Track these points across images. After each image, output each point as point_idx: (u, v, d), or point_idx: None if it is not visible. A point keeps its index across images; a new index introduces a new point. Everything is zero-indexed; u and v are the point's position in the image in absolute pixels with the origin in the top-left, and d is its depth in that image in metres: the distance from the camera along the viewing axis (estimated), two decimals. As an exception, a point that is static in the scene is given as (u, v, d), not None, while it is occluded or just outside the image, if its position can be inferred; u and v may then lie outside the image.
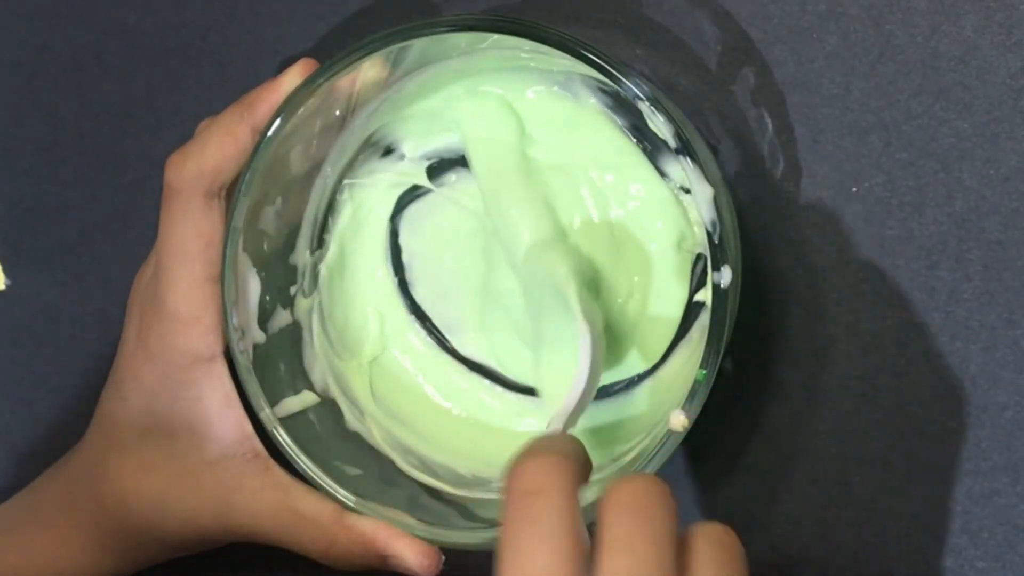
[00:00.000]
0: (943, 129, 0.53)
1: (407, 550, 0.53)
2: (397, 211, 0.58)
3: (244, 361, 0.54)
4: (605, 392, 0.56)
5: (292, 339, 0.57)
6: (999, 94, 0.53)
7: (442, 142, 0.58)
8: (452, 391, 0.59)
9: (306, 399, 0.56)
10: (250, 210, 0.54)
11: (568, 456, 0.43)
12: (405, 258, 0.59)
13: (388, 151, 0.58)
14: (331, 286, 0.58)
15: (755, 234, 0.56)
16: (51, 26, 0.65)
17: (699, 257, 0.55)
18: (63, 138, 0.65)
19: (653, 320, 0.55)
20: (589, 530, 0.42)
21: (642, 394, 0.56)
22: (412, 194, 0.58)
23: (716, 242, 0.50)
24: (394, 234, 0.59)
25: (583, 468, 0.44)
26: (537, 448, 0.43)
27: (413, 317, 0.59)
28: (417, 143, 0.58)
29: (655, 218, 0.55)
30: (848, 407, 0.55)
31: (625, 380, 0.56)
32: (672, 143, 0.50)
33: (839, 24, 0.54)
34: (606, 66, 0.50)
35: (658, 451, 0.50)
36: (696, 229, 0.54)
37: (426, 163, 0.58)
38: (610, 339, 0.55)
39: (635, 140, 0.55)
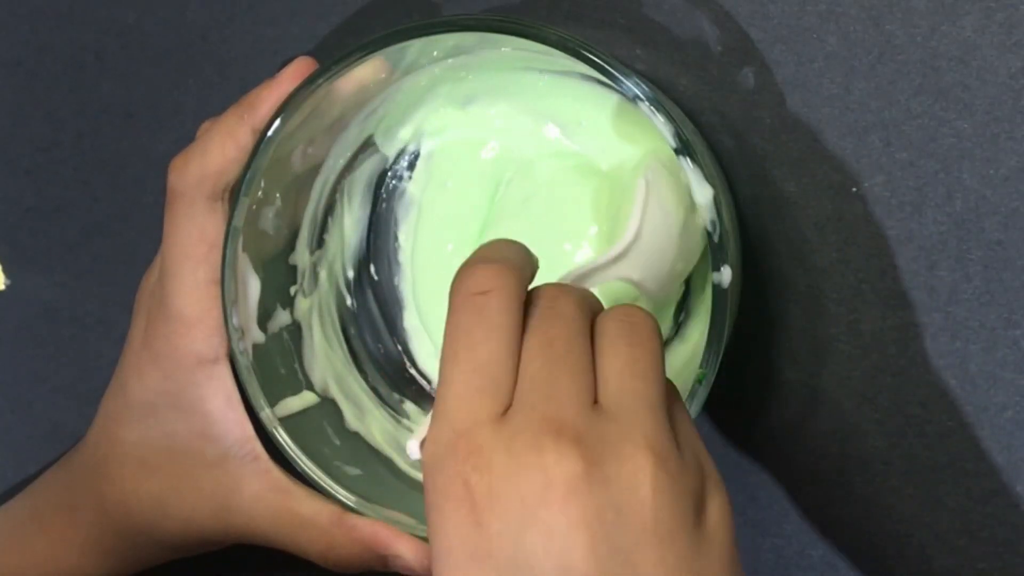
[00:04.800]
0: (943, 129, 0.53)
1: (407, 550, 0.53)
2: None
3: (244, 361, 0.54)
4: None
5: (292, 339, 0.57)
6: (999, 94, 0.53)
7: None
8: None
9: (306, 399, 0.56)
10: (250, 210, 0.54)
11: (513, 260, 0.44)
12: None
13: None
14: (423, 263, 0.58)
15: (755, 234, 0.56)
16: (51, 26, 0.65)
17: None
18: (63, 138, 0.65)
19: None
20: None
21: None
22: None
23: (716, 242, 0.50)
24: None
25: (528, 272, 0.45)
26: (484, 254, 0.44)
27: None
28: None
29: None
30: (848, 407, 0.55)
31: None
32: (672, 143, 0.50)
33: (839, 24, 0.54)
34: (606, 66, 0.50)
35: (658, 451, 0.50)
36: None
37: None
38: None
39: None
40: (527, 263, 0.45)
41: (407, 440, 0.44)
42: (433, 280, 0.59)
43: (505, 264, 0.43)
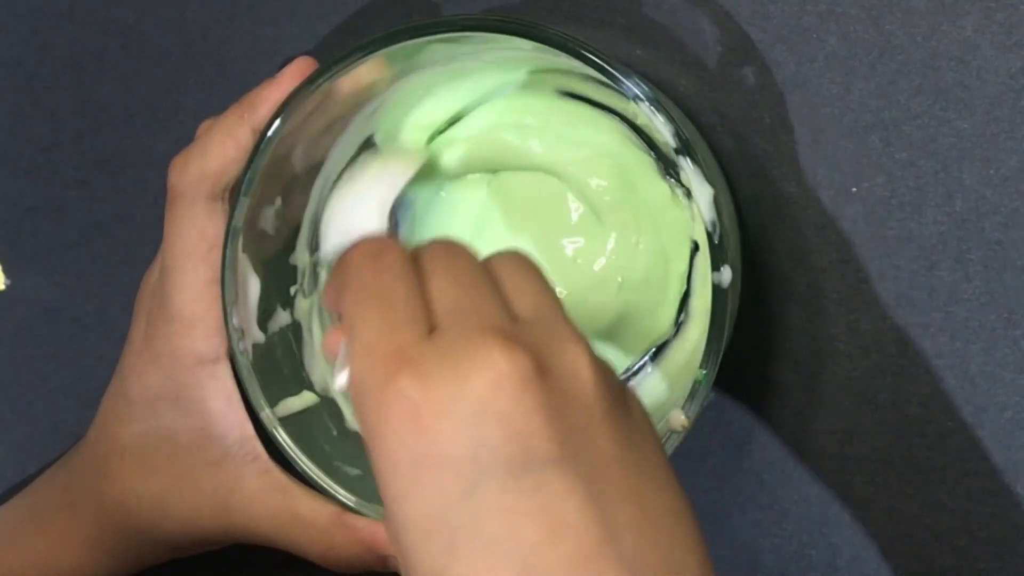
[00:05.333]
0: (943, 129, 0.53)
1: (407, 550, 0.53)
2: None
3: (244, 361, 0.54)
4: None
5: (292, 339, 0.57)
6: (999, 94, 0.53)
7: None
8: None
9: (306, 399, 0.56)
10: (250, 210, 0.54)
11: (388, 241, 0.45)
12: None
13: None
14: None
15: (755, 234, 0.56)
16: (51, 26, 0.65)
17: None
18: (63, 138, 0.65)
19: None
20: None
21: (642, 394, 0.56)
22: None
23: (716, 242, 0.50)
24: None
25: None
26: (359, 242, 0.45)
27: None
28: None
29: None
30: (848, 407, 0.55)
31: (624, 379, 0.56)
32: (672, 143, 0.50)
33: (839, 24, 0.54)
34: (606, 66, 0.50)
35: (658, 451, 0.50)
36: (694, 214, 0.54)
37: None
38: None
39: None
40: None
41: (333, 377, 0.44)
42: None
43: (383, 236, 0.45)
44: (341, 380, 0.42)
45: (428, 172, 0.58)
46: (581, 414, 0.40)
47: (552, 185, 0.57)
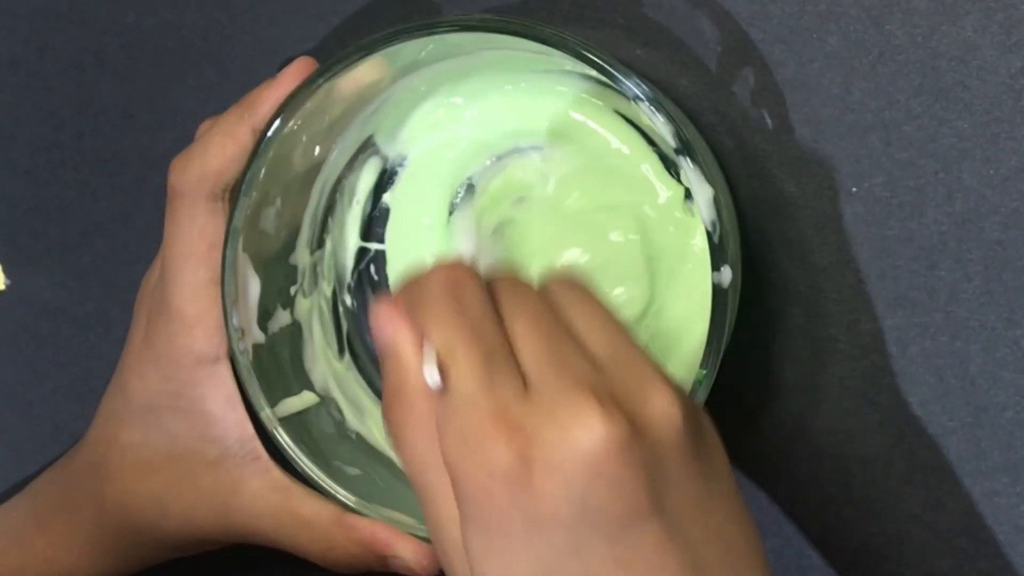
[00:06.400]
0: (943, 129, 0.53)
1: (407, 551, 0.53)
2: None
3: (244, 361, 0.54)
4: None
5: (292, 339, 0.57)
6: (999, 94, 0.53)
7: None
8: None
9: (306, 399, 0.56)
10: (250, 210, 0.54)
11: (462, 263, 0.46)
12: None
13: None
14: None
15: (755, 234, 0.56)
16: (51, 26, 0.65)
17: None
18: (63, 138, 0.65)
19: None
20: None
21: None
22: None
23: (716, 242, 0.50)
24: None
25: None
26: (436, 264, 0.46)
27: None
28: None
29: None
30: (848, 407, 0.55)
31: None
32: (672, 143, 0.50)
33: (839, 24, 0.54)
34: (606, 66, 0.50)
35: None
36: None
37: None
38: None
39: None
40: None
41: (421, 370, 0.44)
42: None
43: (459, 261, 0.46)
44: (434, 378, 0.43)
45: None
46: (672, 462, 0.42)
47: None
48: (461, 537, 0.43)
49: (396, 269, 0.59)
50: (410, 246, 0.59)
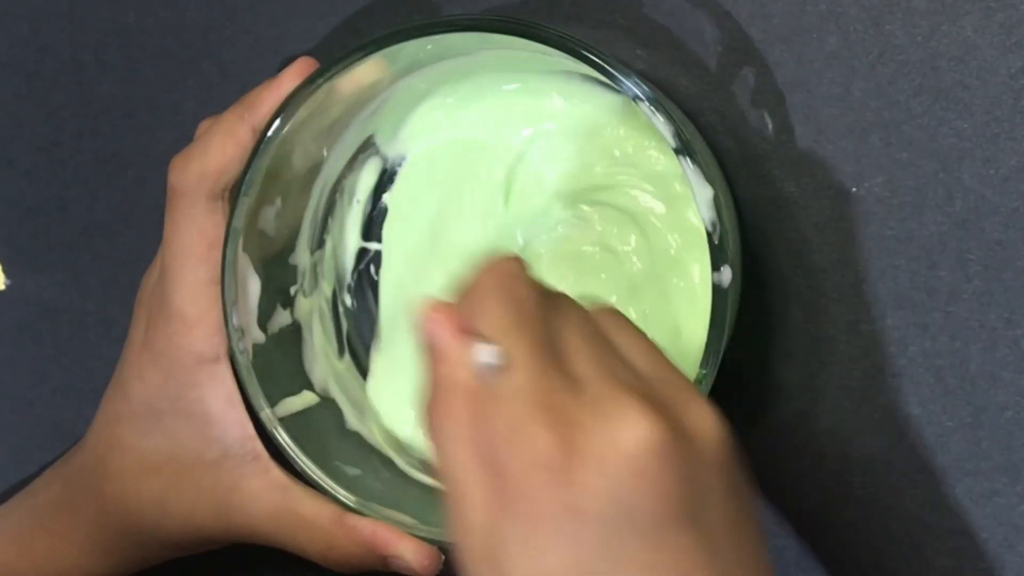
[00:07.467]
0: (943, 129, 0.53)
1: (407, 550, 0.53)
2: None
3: (244, 361, 0.54)
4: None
5: (292, 339, 0.57)
6: (999, 94, 0.53)
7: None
8: None
9: (306, 399, 0.56)
10: (250, 210, 0.54)
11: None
12: None
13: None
14: None
15: (755, 234, 0.56)
16: (51, 26, 0.65)
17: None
18: (63, 138, 0.65)
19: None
20: None
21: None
22: None
23: (716, 242, 0.50)
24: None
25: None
26: (492, 257, 0.46)
27: None
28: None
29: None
30: (848, 407, 0.55)
31: None
32: (672, 143, 0.50)
33: (839, 24, 0.54)
34: (606, 66, 0.50)
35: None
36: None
37: None
38: None
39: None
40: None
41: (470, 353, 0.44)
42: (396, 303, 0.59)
43: (513, 256, 0.46)
44: (487, 358, 0.43)
45: None
46: (709, 474, 0.43)
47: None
48: (486, 538, 0.42)
49: (392, 269, 0.59)
50: (407, 246, 0.59)
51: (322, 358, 0.58)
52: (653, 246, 0.55)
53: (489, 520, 0.42)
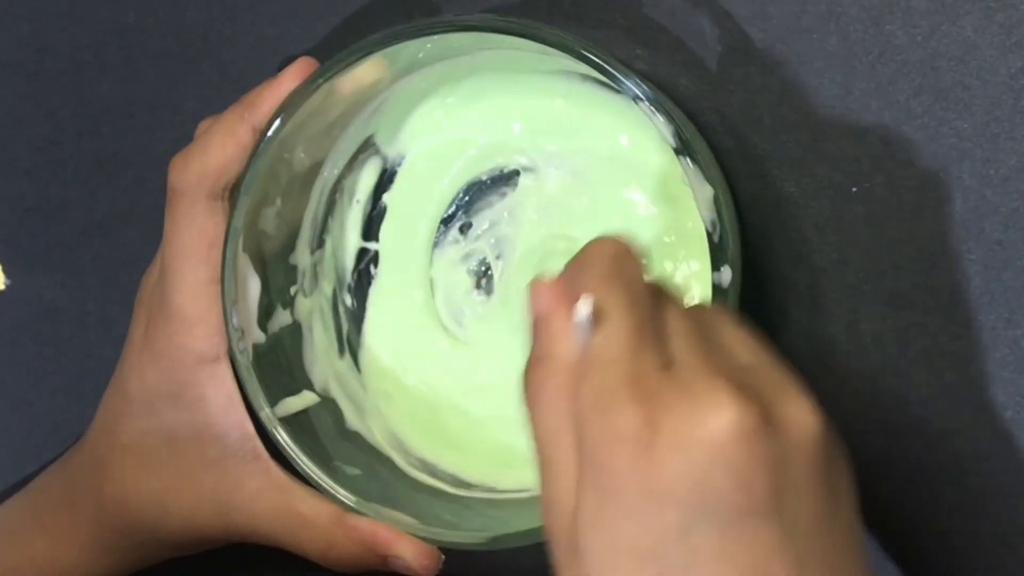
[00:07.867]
0: (943, 129, 0.53)
1: (407, 550, 0.53)
2: None
3: (244, 361, 0.54)
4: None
5: (292, 339, 0.57)
6: (999, 94, 0.53)
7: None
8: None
9: (306, 399, 0.56)
10: (250, 210, 0.54)
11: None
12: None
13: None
14: None
15: (755, 234, 0.56)
16: (51, 26, 0.65)
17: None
18: (63, 138, 0.65)
19: None
20: None
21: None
22: None
23: (716, 242, 0.50)
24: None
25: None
26: (606, 237, 0.45)
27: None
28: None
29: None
30: (848, 407, 0.55)
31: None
32: (672, 143, 0.50)
33: (839, 24, 0.54)
34: (606, 66, 0.50)
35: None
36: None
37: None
38: None
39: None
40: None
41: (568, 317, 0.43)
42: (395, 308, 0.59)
43: (623, 236, 0.45)
44: (584, 316, 0.42)
45: None
46: (799, 469, 0.41)
47: None
48: (568, 510, 0.42)
49: (390, 269, 0.59)
50: (405, 247, 0.59)
51: (322, 358, 0.58)
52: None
53: (572, 492, 0.42)
